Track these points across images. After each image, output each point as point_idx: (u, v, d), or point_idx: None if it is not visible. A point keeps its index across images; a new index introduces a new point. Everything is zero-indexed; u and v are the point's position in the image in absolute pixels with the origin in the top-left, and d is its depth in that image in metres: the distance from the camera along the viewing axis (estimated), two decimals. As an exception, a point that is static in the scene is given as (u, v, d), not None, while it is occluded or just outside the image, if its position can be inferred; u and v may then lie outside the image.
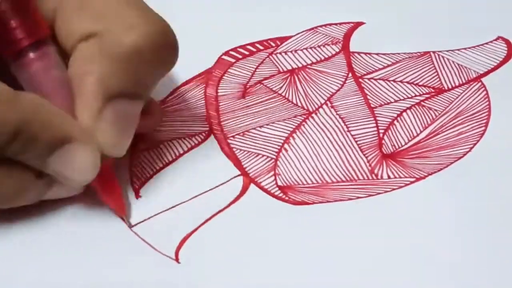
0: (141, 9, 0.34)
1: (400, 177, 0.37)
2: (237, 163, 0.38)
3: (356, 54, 0.43)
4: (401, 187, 0.36)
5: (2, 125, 0.32)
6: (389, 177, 0.37)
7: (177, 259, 0.34)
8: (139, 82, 0.34)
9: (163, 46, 0.34)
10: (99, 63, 0.33)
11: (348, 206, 0.36)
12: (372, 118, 0.40)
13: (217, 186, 0.37)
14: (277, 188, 0.37)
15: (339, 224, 0.35)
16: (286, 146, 0.38)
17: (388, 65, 0.43)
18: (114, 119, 0.34)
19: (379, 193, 0.36)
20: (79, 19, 0.34)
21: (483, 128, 0.39)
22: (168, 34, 0.34)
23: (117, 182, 0.36)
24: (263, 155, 0.38)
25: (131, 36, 0.33)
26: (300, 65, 0.43)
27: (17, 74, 0.34)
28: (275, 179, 0.37)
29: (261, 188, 0.37)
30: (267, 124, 0.40)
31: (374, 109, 0.40)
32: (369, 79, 0.42)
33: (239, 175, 0.37)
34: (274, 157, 0.38)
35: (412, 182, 0.37)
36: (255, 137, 0.39)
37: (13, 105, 0.32)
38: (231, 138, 0.39)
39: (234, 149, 0.38)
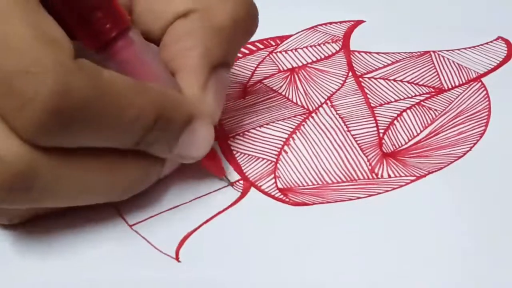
0: None
1: (401, 176, 0.37)
2: (237, 167, 0.38)
3: (356, 53, 0.43)
4: (401, 186, 0.36)
5: (143, 115, 0.32)
6: (389, 176, 0.37)
7: (177, 258, 0.34)
8: (233, 50, 0.37)
9: (253, 14, 0.37)
10: (202, 36, 0.35)
11: (349, 206, 0.36)
12: (372, 118, 0.40)
13: (217, 190, 0.37)
14: (277, 191, 0.37)
15: (340, 224, 0.35)
16: (286, 148, 0.38)
17: (388, 64, 0.43)
18: (217, 88, 0.35)
19: (380, 193, 0.36)
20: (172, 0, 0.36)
21: (483, 127, 0.39)
22: (253, 3, 0.37)
23: (215, 151, 0.37)
24: (263, 159, 0.38)
25: (228, 8, 0.35)
26: (300, 64, 0.43)
27: (107, 65, 0.33)
28: (275, 181, 0.37)
29: (261, 191, 0.37)
30: (267, 124, 0.40)
31: (374, 109, 0.40)
32: (369, 78, 0.42)
33: (239, 179, 0.37)
34: (274, 160, 0.38)
35: (412, 181, 0.37)
36: (255, 138, 0.39)
37: (146, 94, 0.32)
38: (231, 138, 0.39)
39: (234, 152, 0.38)
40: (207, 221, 0.35)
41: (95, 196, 0.34)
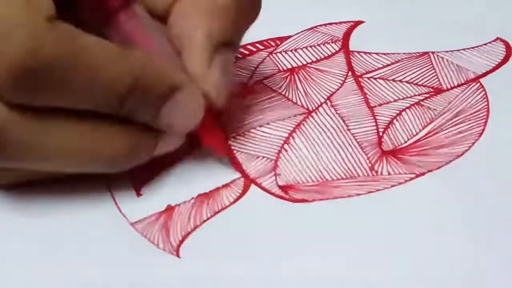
0: None
1: (400, 174, 0.37)
2: (237, 165, 0.38)
3: (355, 53, 0.43)
4: (401, 183, 0.37)
5: (120, 79, 0.32)
6: (389, 173, 0.37)
7: (178, 256, 0.34)
8: (237, 32, 0.37)
9: None
10: (204, 16, 0.36)
11: (348, 203, 0.36)
12: (372, 117, 0.40)
13: (217, 188, 0.37)
14: (277, 188, 0.37)
15: (340, 221, 0.35)
16: (286, 146, 0.39)
17: (388, 65, 0.43)
18: (221, 67, 0.36)
19: (379, 190, 0.36)
20: None
21: (481, 127, 0.39)
22: None
23: (218, 127, 0.37)
24: (263, 157, 0.38)
25: None
26: (300, 64, 0.43)
27: (110, 36, 0.34)
28: (276, 179, 0.37)
29: (262, 188, 0.37)
30: (267, 124, 0.40)
31: (374, 108, 0.40)
32: (368, 78, 0.42)
33: (239, 177, 0.37)
34: (274, 158, 0.38)
35: (412, 179, 0.37)
36: (255, 137, 0.39)
37: (125, 61, 0.33)
38: (231, 138, 0.39)
39: (235, 151, 0.38)
40: (208, 219, 0.35)
41: (78, 162, 0.34)
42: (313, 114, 0.40)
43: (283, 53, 0.44)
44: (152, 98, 0.34)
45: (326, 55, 0.43)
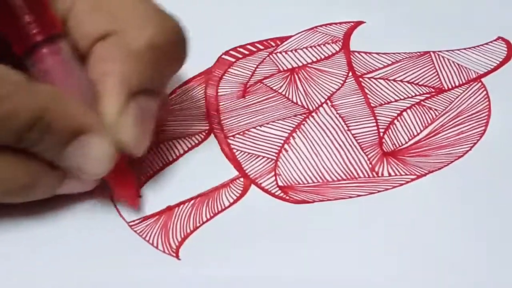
0: (152, 7, 0.36)
1: (401, 175, 0.37)
2: (237, 165, 0.38)
3: (356, 53, 0.43)
4: (401, 184, 0.36)
5: (19, 113, 0.32)
6: (389, 174, 0.37)
7: (177, 257, 0.34)
8: (157, 78, 0.35)
9: (176, 42, 0.36)
10: (119, 62, 0.34)
11: (349, 204, 0.36)
12: (372, 117, 0.40)
13: (217, 188, 0.37)
14: (277, 188, 0.37)
15: (340, 222, 0.35)
16: (286, 146, 0.39)
17: (388, 65, 0.43)
18: (136, 115, 0.34)
19: (380, 191, 0.36)
20: (93, 19, 0.35)
21: (483, 127, 0.39)
22: (180, 30, 0.36)
23: (132, 177, 0.36)
24: (263, 157, 0.38)
25: (147, 33, 0.34)
26: (300, 64, 0.43)
27: (32, 69, 0.34)
28: (276, 179, 0.37)
29: (262, 188, 0.37)
30: (267, 123, 0.40)
31: (374, 108, 0.40)
32: (369, 78, 0.42)
33: (239, 177, 0.37)
34: (274, 158, 0.38)
35: (413, 180, 0.37)
36: (255, 137, 0.39)
37: (32, 94, 0.32)
38: (231, 137, 0.39)
39: (234, 150, 0.39)
40: (208, 220, 0.35)
41: None
42: (314, 114, 0.40)
43: (283, 53, 0.44)
44: (55, 137, 0.33)
45: (327, 55, 0.43)
